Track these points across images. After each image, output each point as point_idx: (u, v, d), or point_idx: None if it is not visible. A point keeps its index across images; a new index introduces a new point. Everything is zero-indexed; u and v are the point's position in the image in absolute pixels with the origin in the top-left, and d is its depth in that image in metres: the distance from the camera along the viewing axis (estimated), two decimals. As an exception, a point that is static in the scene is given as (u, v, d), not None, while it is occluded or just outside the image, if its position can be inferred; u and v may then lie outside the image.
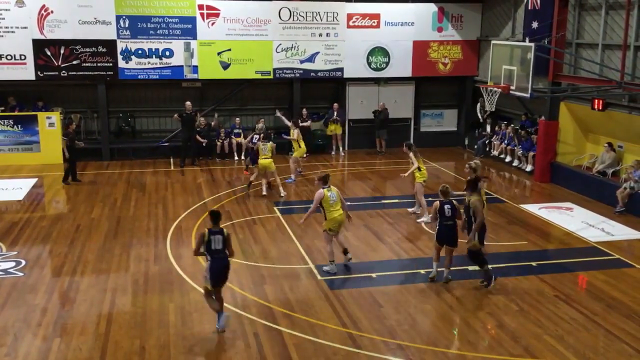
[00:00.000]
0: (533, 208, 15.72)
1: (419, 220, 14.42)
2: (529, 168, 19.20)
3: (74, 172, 17.66)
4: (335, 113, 21.71)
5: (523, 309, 10.14)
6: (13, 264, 11.78)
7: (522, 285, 11.06)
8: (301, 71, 21.42)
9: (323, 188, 11.36)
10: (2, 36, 19.13)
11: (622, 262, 12.22)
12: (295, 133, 18.26)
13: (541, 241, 13.52)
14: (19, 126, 19.68)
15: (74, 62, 19.74)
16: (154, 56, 20.20)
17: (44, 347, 8.80)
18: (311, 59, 21.39)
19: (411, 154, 14.61)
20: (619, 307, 10.24)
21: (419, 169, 14.54)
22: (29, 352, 8.66)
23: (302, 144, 18.40)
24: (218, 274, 9.26)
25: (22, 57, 19.36)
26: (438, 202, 10.91)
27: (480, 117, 22.28)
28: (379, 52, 21.96)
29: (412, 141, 23.03)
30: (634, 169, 15.42)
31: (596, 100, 15.68)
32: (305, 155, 19.27)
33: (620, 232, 14.01)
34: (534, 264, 12.05)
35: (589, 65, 16.71)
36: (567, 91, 17.61)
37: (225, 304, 9.60)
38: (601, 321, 9.73)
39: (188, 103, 20.08)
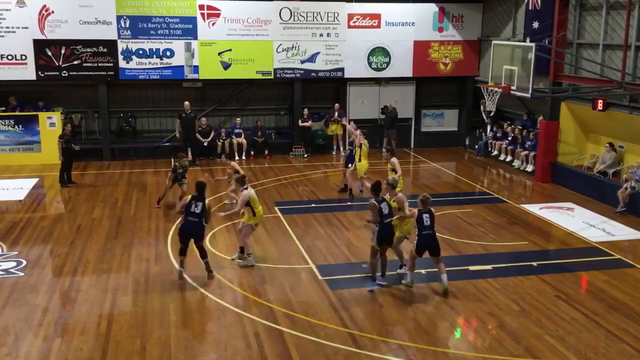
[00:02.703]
0: (534, 208, 15.71)
1: None
2: (529, 168, 19.19)
3: (68, 174, 17.51)
4: (337, 113, 21.72)
5: (524, 309, 10.13)
6: (14, 264, 11.78)
7: (523, 285, 11.06)
8: (302, 71, 21.42)
9: (244, 189, 11.54)
10: (3, 36, 19.14)
11: (623, 262, 12.21)
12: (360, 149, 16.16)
13: (542, 241, 13.52)
14: (20, 126, 19.69)
15: (75, 62, 19.74)
16: (154, 56, 20.20)
17: (44, 347, 8.80)
18: (312, 59, 21.39)
19: (394, 160, 14.26)
20: (620, 307, 10.23)
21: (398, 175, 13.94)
22: (29, 352, 8.67)
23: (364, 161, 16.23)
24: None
25: (23, 57, 19.37)
26: (416, 210, 10.69)
27: (485, 117, 22.22)
28: (380, 52, 21.96)
29: (413, 141, 23.20)
30: (635, 168, 15.41)
31: (597, 101, 15.67)
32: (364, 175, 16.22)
33: (621, 232, 14.00)
34: (534, 264, 12.04)
35: (589, 65, 16.70)
36: (567, 91, 17.60)
37: (226, 304, 9.56)
38: (602, 321, 9.72)
39: (187, 103, 20.10)
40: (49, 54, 19.49)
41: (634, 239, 13.62)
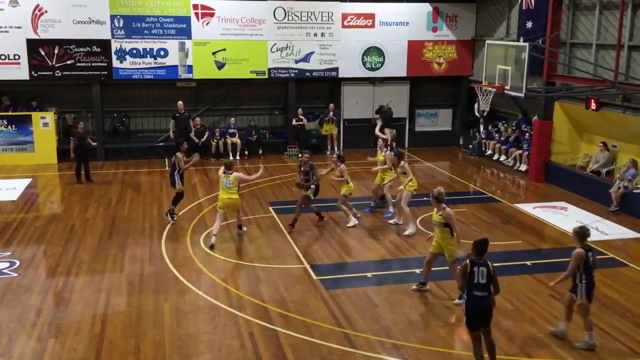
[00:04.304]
0: (528, 207, 15.75)
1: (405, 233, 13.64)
2: (523, 168, 19.23)
3: (86, 172, 17.65)
4: (332, 113, 21.72)
5: (518, 308, 10.16)
6: (7, 264, 11.73)
7: (517, 284, 11.09)
8: (296, 71, 21.42)
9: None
10: (-4, 36, 19.09)
11: (616, 261, 12.26)
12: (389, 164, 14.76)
13: (536, 240, 13.56)
14: (13, 126, 19.60)
15: (68, 62, 19.68)
16: (148, 56, 20.16)
17: (38, 348, 8.77)
18: (306, 58, 21.39)
19: (404, 163, 13.86)
20: (614, 306, 10.27)
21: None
22: (23, 353, 8.63)
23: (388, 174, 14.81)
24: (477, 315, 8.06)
25: (16, 57, 19.29)
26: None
27: (478, 116, 22.20)
28: (374, 51, 21.97)
29: (407, 141, 23.22)
30: (627, 168, 15.47)
31: (590, 100, 15.73)
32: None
33: (614, 231, 14.06)
34: (528, 263, 12.08)
35: (583, 65, 16.76)
36: (561, 91, 17.66)
37: (220, 304, 9.54)
38: (596, 320, 9.74)
39: (180, 103, 20.07)
40: (42, 53, 19.42)
41: (627, 238, 13.68)
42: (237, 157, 20.88)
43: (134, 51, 20.04)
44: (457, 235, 10.16)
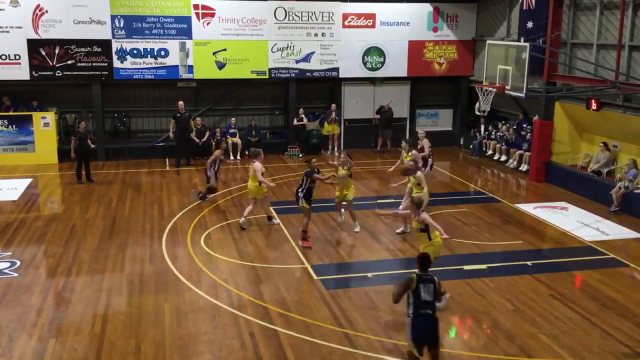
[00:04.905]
0: (528, 207, 15.75)
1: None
2: (524, 168, 19.23)
3: (87, 172, 17.65)
4: (334, 113, 21.73)
5: (518, 308, 10.16)
6: (8, 264, 11.74)
7: (517, 284, 11.08)
8: (297, 71, 21.41)
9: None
10: (-3, 36, 19.10)
11: (617, 262, 12.25)
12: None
13: (536, 240, 13.55)
14: (14, 126, 19.61)
15: (69, 62, 19.68)
16: (149, 56, 20.16)
17: (39, 348, 8.77)
18: (307, 58, 21.38)
19: (420, 174, 13.32)
20: (614, 306, 10.27)
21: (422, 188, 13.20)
22: (24, 353, 8.64)
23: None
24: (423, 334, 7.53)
25: (17, 57, 19.29)
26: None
27: (478, 114, 22.10)
28: (375, 52, 21.97)
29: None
30: (628, 168, 15.46)
31: (591, 100, 15.71)
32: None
33: (615, 231, 14.05)
34: (529, 263, 12.07)
35: (583, 65, 16.75)
36: (562, 91, 17.65)
37: (221, 304, 9.52)
38: (596, 320, 9.76)
39: (181, 103, 20.05)
40: (43, 53, 19.42)
41: (628, 238, 13.67)
42: (238, 157, 20.89)
43: (135, 51, 20.04)
44: (440, 232, 10.11)
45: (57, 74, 19.70)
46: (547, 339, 9.14)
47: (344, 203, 13.73)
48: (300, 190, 12.94)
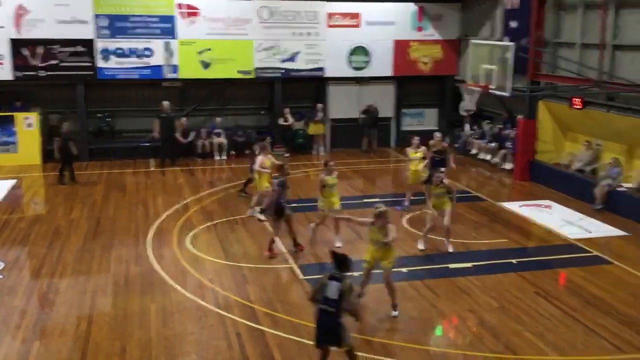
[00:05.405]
0: (513, 206, 15.84)
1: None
2: (508, 166, 19.34)
3: (71, 173, 17.48)
4: (320, 113, 21.72)
5: (503, 305, 10.22)
6: (-9, 266, 11.63)
7: (502, 282, 11.15)
8: (282, 70, 21.39)
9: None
10: (-21, 36, 18.89)
11: (600, 259, 12.36)
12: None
13: (521, 239, 13.64)
14: (-4, 127, 19.43)
15: (52, 62, 19.51)
16: (133, 56, 20.04)
17: (23, 350, 8.69)
18: (292, 58, 21.37)
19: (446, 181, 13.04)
20: (598, 303, 10.36)
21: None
22: (7, 355, 8.55)
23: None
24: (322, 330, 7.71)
25: (0, 57, 19.10)
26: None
27: (463, 113, 22.18)
28: (360, 51, 21.99)
29: (393, 140, 23.25)
30: (612, 166, 15.60)
31: (575, 99, 15.83)
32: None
33: (598, 229, 14.17)
34: (514, 261, 12.14)
35: (567, 65, 16.87)
36: (546, 90, 17.77)
37: (207, 305, 9.48)
38: (580, 317, 9.84)
39: (166, 103, 19.94)
40: (26, 53, 19.24)
41: (611, 235, 13.79)
42: (224, 157, 20.82)
43: (119, 51, 19.91)
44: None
45: (40, 74, 19.53)
46: (532, 337, 9.20)
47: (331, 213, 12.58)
48: (281, 201, 12.18)
